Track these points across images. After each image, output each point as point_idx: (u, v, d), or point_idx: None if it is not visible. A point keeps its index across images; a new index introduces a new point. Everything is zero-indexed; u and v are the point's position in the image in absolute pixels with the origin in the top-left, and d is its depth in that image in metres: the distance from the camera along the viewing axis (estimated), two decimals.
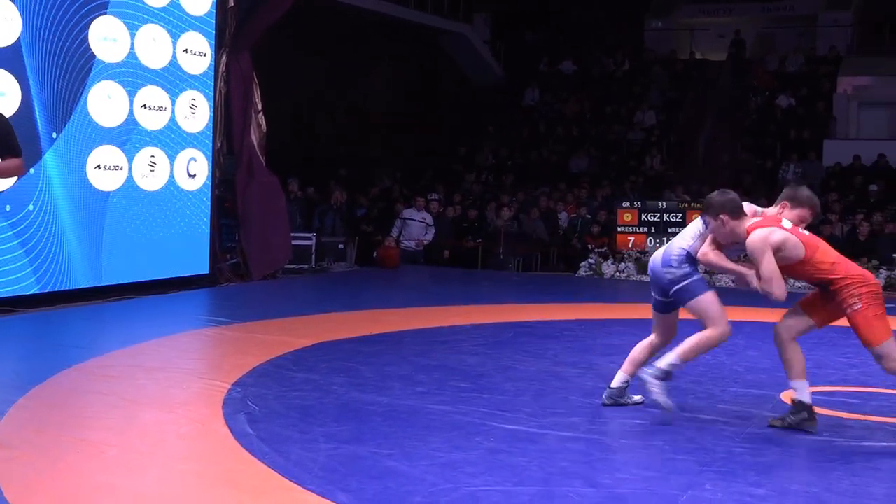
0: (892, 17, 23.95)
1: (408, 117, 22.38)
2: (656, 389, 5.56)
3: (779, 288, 5.24)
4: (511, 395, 6.24)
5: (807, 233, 5.51)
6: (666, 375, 5.61)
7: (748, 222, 5.46)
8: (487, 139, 22.99)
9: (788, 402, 5.71)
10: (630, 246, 14.74)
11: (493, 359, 7.48)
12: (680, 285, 5.68)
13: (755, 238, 5.34)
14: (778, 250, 5.29)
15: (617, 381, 6.03)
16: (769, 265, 5.26)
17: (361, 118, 20.89)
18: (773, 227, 5.37)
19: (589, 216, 16.68)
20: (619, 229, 14.92)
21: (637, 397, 6.03)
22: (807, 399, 5.47)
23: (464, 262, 15.95)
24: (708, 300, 5.67)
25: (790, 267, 5.38)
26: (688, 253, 5.73)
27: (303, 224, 14.58)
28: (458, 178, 20.75)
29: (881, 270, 13.27)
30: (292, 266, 13.28)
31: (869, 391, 6.66)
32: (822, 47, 24.57)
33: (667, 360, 5.63)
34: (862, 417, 5.90)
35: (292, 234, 13.15)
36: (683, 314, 5.83)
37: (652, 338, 6.02)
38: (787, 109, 22.12)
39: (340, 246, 14.78)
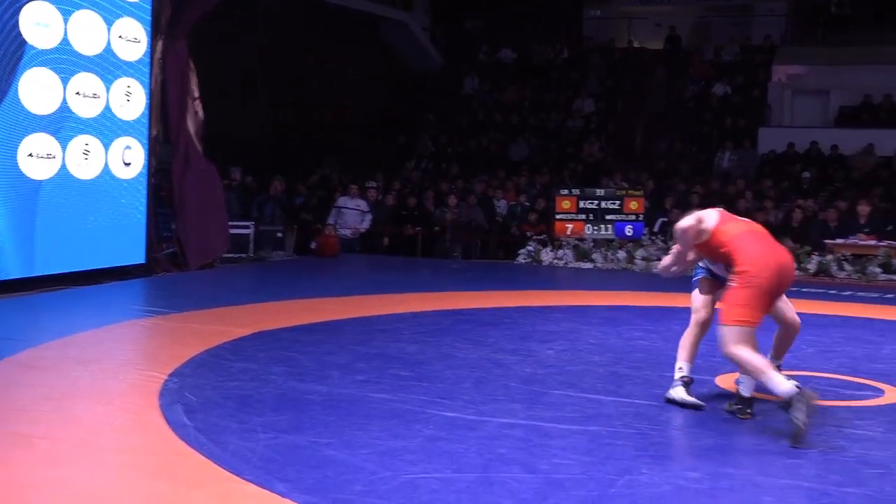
0: (826, 6, 24.37)
1: (349, 104, 22.27)
2: (679, 395, 5.75)
3: (682, 240, 5.65)
4: (451, 382, 6.24)
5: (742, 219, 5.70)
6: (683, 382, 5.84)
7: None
8: (427, 127, 22.98)
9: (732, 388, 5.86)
10: (568, 233, 14.83)
11: (433, 346, 7.48)
12: None
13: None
14: (700, 221, 5.55)
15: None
16: (685, 221, 5.60)
17: (302, 106, 20.74)
18: None
19: (528, 203, 16.76)
20: (557, 216, 15.01)
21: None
22: (747, 393, 5.59)
23: (403, 249, 15.95)
24: (694, 292, 6.01)
25: (706, 244, 5.58)
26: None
27: (241, 212, 14.45)
28: (398, 166, 20.74)
29: (813, 256, 13.51)
30: (230, 255, 13.18)
31: (801, 374, 6.76)
32: (757, 36, 24.93)
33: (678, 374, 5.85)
34: None
35: (230, 223, 13.04)
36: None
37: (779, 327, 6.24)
38: (722, 98, 22.41)
39: (279, 234, 14.69)
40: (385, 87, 24.12)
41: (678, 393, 5.77)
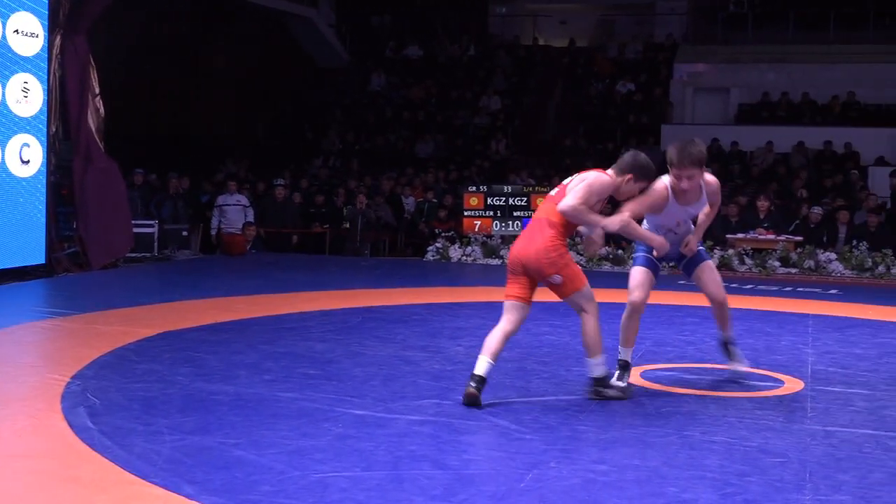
0: (724, 5, 24.91)
1: (257, 102, 22.04)
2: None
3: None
4: (360, 380, 6.21)
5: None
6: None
7: None
8: (335, 124, 22.88)
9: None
10: (476, 230, 14.90)
11: (342, 344, 7.44)
12: None
13: None
14: None
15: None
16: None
17: (207, 103, 20.45)
18: None
19: (435, 200, 16.80)
20: (465, 213, 15.07)
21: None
22: (595, 374, 5.84)
23: (312, 247, 15.83)
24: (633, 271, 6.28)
25: None
26: None
27: (144, 211, 14.18)
28: (306, 163, 20.60)
29: (715, 250, 13.79)
30: (134, 254, 12.93)
31: (704, 367, 6.93)
32: (660, 35, 25.35)
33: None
34: (698, 392, 6.13)
35: (134, 222, 12.80)
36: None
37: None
38: (626, 95, 22.74)
39: (184, 233, 14.45)
40: (292, 83, 23.92)
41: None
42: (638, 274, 6.13)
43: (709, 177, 6.06)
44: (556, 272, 5.57)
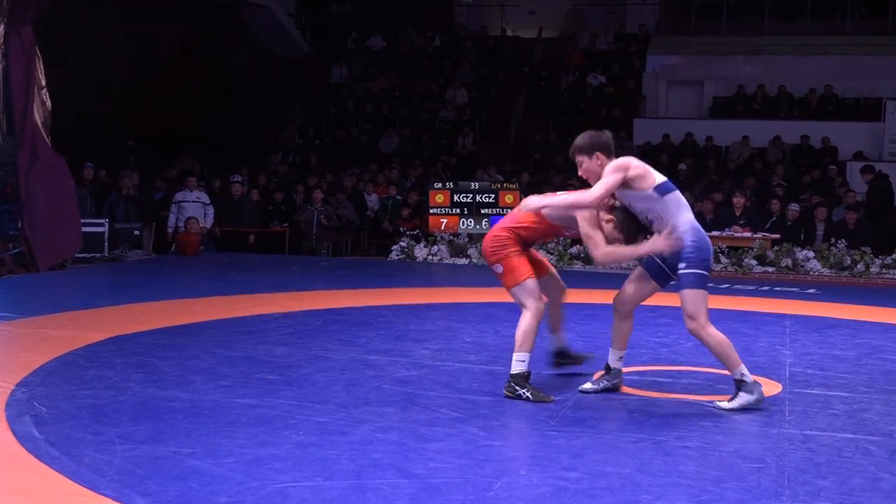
0: None
1: (213, 95, 21.74)
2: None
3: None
4: (321, 385, 6.12)
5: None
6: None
7: None
8: (294, 118, 22.61)
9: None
10: (442, 228, 14.73)
11: (303, 348, 7.34)
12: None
13: None
14: None
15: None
16: None
17: (160, 96, 20.12)
18: None
19: (400, 198, 16.59)
20: (431, 211, 14.89)
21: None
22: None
23: (270, 247, 15.57)
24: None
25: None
26: None
27: (94, 209, 13.84)
28: (264, 159, 20.32)
29: None
30: (83, 255, 12.64)
31: (679, 370, 6.87)
32: (631, 25, 25.19)
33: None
34: (672, 396, 6.07)
35: (83, 221, 12.51)
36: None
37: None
38: (597, 88, 22.58)
39: (136, 232, 14.16)
40: (249, 75, 23.65)
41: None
42: (632, 272, 6.16)
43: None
44: (497, 261, 5.96)
